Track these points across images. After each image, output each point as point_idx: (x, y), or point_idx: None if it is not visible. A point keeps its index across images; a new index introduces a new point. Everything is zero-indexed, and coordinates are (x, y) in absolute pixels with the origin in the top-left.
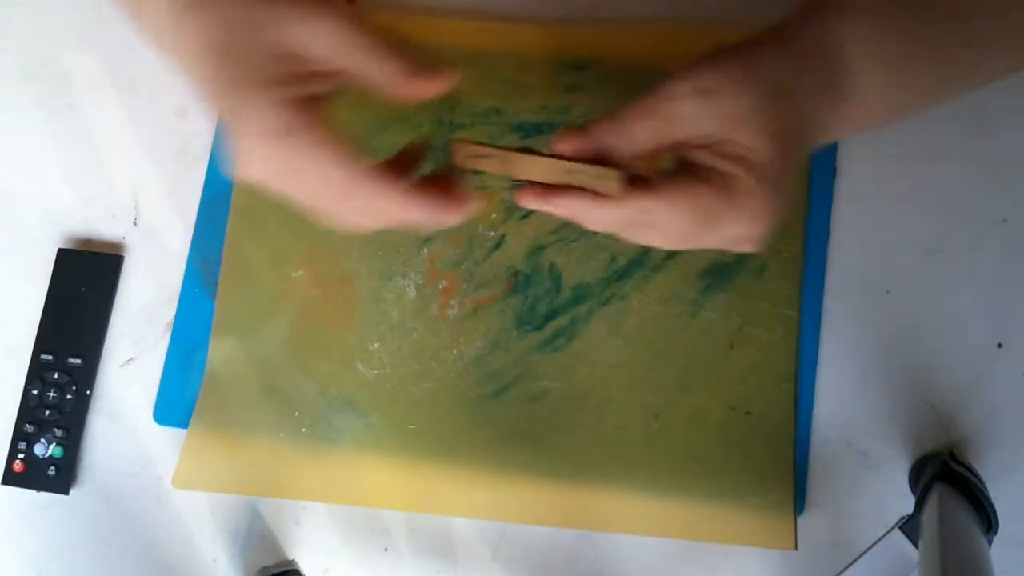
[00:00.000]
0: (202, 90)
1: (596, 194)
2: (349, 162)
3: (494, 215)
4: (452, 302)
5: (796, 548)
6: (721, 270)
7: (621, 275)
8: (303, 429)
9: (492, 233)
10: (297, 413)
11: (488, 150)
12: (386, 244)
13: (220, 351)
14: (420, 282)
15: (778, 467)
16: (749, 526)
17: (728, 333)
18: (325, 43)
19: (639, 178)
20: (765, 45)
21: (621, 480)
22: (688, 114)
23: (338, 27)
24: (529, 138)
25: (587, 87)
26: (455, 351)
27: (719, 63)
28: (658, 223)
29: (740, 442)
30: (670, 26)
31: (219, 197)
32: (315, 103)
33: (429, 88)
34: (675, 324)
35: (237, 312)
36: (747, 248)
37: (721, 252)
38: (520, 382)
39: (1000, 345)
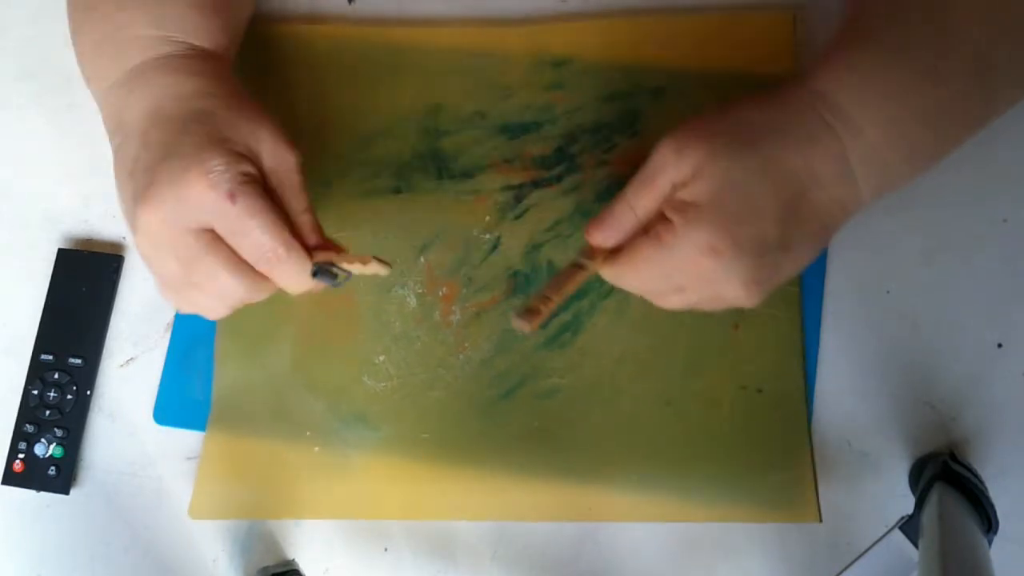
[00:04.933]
0: (151, 133)
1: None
2: (280, 232)
3: (488, 218)
4: (454, 308)
5: (820, 520)
6: None
7: None
8: (316, 448)
9: (487, 236)
10: (308, 433)
11: (552, 301)
12: (382, 256)
13: (225, 378)
14: (420, 291)
15: (794, 441)
16: (772, 503)
17: (732, 313)
18: (266, 155)
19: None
20: (742, 98)
21: (640, 470)
22: (662, 166)
23: (281, 148)
24: (515, 139)
25: (568, 83)
26: (461, 356)
27: (699, 125)
28: (630, 283)
29: (754, 420)
30: (646, 17)
31: None
32: (255, 181)
33: (317, 248)
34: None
35: (238, 337)
36: (732, 303)
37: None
38: (529, 381)
39: (1000, 345)
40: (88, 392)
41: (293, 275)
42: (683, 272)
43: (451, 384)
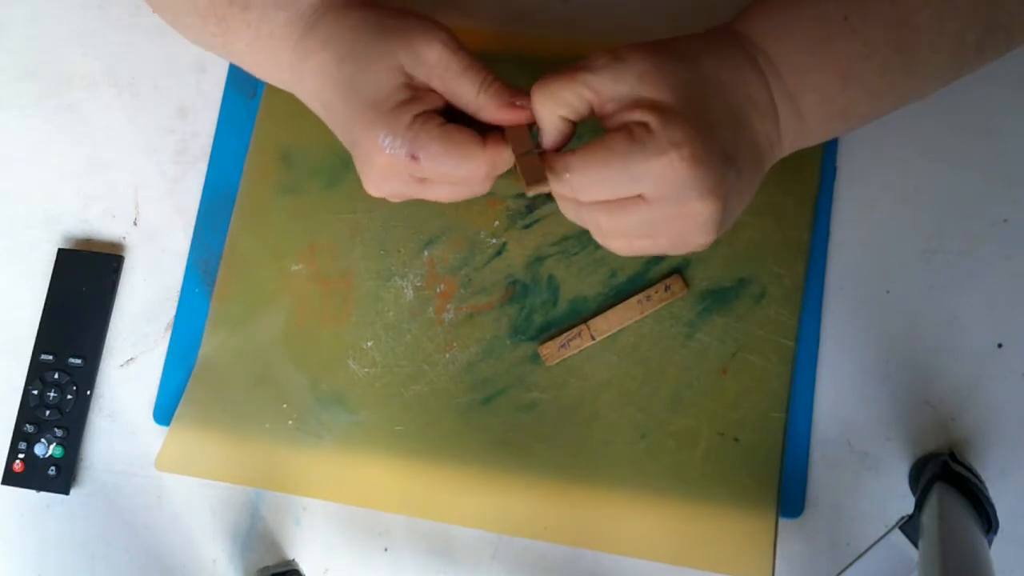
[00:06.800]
0: (331, 118)
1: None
2: (472, 156)
3: (497, 223)
4: (448, 306)
5: None
6: (720, 294)
7: (619, 291)
8: (290, 422)
9: (494, 240)
10: (285, 405)
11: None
12: (387, 245)
13: (215, 338)
14: (419, 284)
15: (762, 497)
16: (727, 554)
17: (723, 358)
18: (426, 69)
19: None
20: (679, 38)
21: (604, 496)
22: (601, 74)
23: (440, 53)
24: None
25: None
26: (448, 355)
27: (634, 44)
28: (582, 188)
29: (726, 468)
30: None
31: (219, 197)
32: (433, 115)
33: (513, 118)
34: (670, 345)
35: (235, 301)
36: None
37: (721, 275)
38: (510, 391)
39: (1000, 345)
40: (88, 392)
41: (502, 168)
42: (652, 176)
43: (433, 381)
